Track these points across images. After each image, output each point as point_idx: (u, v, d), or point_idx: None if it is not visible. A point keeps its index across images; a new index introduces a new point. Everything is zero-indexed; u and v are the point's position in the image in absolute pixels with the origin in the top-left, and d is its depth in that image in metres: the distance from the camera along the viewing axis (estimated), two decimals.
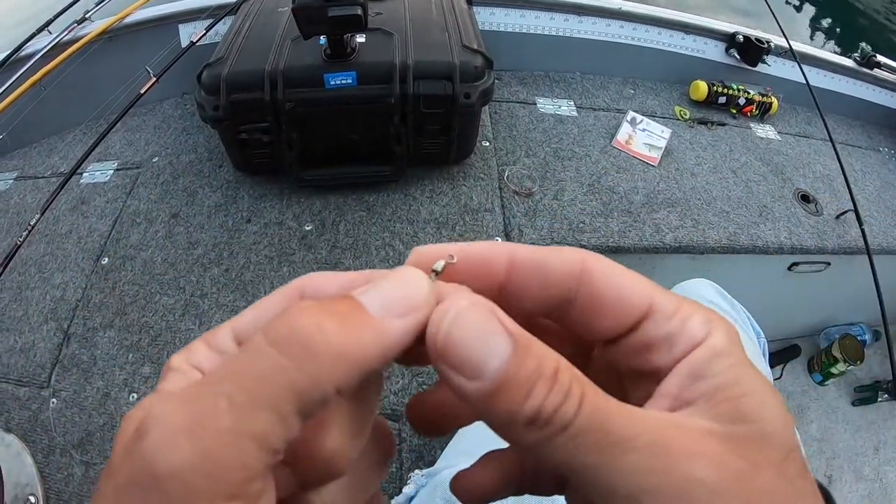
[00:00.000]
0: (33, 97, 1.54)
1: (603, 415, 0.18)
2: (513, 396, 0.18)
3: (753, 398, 0.20)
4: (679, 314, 0.22)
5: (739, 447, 0.19)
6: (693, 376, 0.21)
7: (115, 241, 1.41)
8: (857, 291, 1.75)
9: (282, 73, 1.25)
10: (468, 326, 0.19)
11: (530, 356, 0.19)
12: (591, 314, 0.23)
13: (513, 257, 0.22)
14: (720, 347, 0.21)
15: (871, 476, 1.75)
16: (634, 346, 0.23)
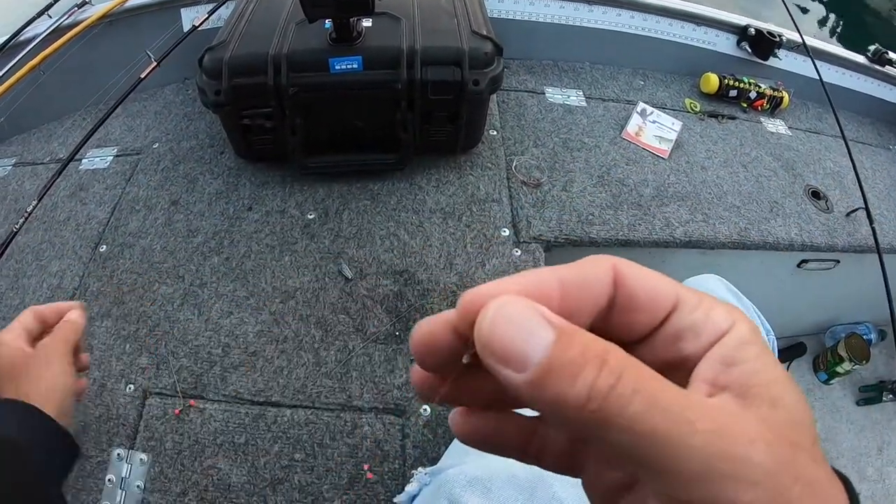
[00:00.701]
0: (32, 82, 1.51)
1: (665, 396, 0.19)
2: (560, 380, 0.19)
3: (779, 386, 0.21)
4: (702, 306, 0.24)
5: (781, 431, 0.20)
6: (725, 362, 0.22)
7: (113, 228, 1.38)
8: (864, 290, 1.73)
9: (286, 58, 1.21)
10: (510, 320, 0.20)
11: (574, 343, 0.19)
12: (629, 313, 0.24)
13: (562, 282, 0.23)
14: (747, 337, 0.23)
15: (875, 477, 1.74)
16: (665, 338, 0.24)
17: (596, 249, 1.42)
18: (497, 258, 1.31)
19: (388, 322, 1.20)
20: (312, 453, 1.04)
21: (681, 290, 0.24)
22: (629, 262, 0.25)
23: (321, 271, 1.28)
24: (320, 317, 1.21)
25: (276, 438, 1.05)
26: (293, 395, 1.10)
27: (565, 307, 0.23)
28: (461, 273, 1.28)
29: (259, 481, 1.01)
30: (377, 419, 1.08)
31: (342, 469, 1.03)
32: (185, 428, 1.06)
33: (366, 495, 1.01)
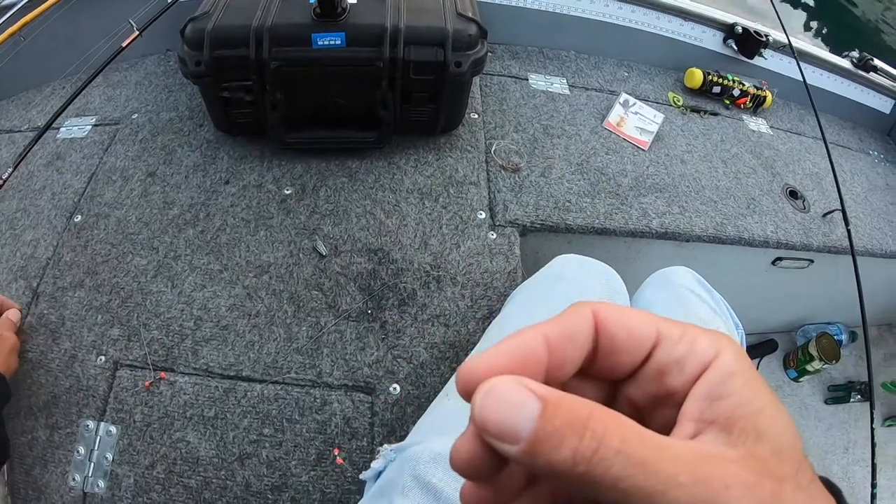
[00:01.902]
0: (12, 48, 1.48)
1: (645, 454, 0.20)
2: (548, 449, 0.21)
3: (764, 416, 0.23)
4: (685, 338, 0.25)
5: (763, 467, 0.22)
6: (710, 398, 0.24)
7: (89, 198, 1.37)
8: (837, 291, 1.76)
9: (268, 31, 1.20)
10: (499, 399, 0.22)
11: (560, 412, 0.21)
12: (612, 355, 0.26)
13: (547, 340, 0.25)
14: (731, 367, 0.24)
15: (840, 474, 1.77)
16: (650, 374, 0.26)
17: (572, 236, 1.43)
18: (472, 240, 1.31)
19: (361, 300, 1.20)
20: (281, 428, 1.04)
21: (662, 326, 0.26)
22: (609, 304, 0.26)
23: (296, 247, 1.27)
24: (293, 292, 1.21)
25: (246, 413, 1.05)
26: (264, 369, 1.10)
27: (554, 363, 0.25)
28: (435, 253, 1.28)
29: (227, 455, 1.01)
30: (346, 396, 1.08)
31: (310, 445, 1.03)
32: (154, 400, 1.06)
33: (333, 472, 1.01)
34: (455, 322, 1.19)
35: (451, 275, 1.25)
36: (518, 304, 0.99)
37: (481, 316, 1.20)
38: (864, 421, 1.82)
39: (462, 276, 1.25)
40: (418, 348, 1.15)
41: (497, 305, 1.21)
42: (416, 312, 1.19)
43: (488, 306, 1.21)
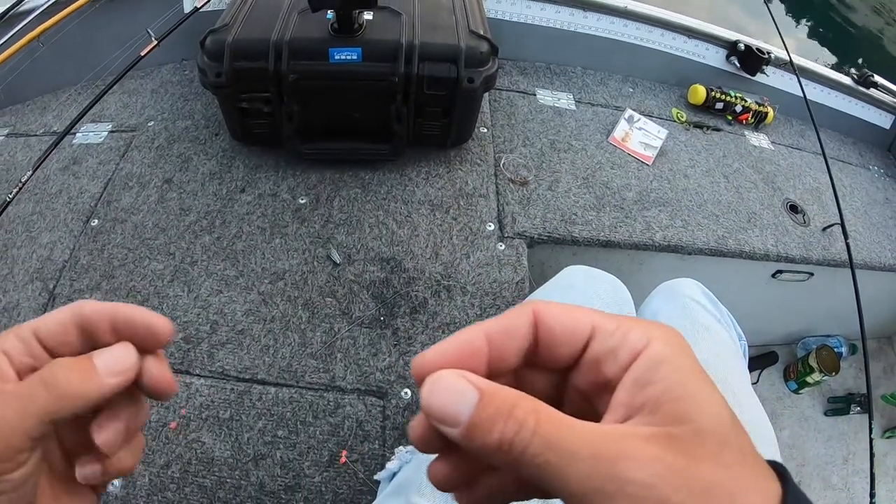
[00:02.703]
0: (30, 53, 1.52)
1: (554, 435, 0.24)
2: (482, 433, 0.24)
3: (691, 400, 0.25)
4: (619, 330, 0.27)
5: (677, 445, 0.23)
6: (638, 385, 0.26)
7: (105, 203, 1.40)
8: (837, 304, 1.78)
9: (287, 44, 1.24)
10: (443, 388, 0.25)
11: (494, 401, 0.25)
12: (551, 348, 0.29)
13: (488, 335, 0.29)
14: (660, 355, 0.26)
15: (839, 485, 1.78)
16: (588, 365, 0.28)
17: (578, 248, 1.46)
18: (481, 251, 1.34)
19: (374, 307, 1.23)
20: (295, 430, 1.07)
21: (598, 319, 0.28)
22: (550, 303, 0.29)
23: (310, 255, 1.31)
24: (308, 299, 1.24)
25: (261, 415, 1.08)
26: (278, 373, 1.13)
27: (494, 354, 0.28)
28: (446, 263, 1.31)
29: (242, 456, 1.04)
30: (359, 400, 1.11)
31: (323, 447, 1.05)
32: (170, 402, 1.08)
33: (346, 473, 1.03)
34: None
35: (461, 284, 1.28)
36: None
37: None
38: (863, 432, 1.84)
39: (472, 285, 1.29)
40: None
41: None
42: (427, 320, 1.22)
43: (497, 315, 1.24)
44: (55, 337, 0.33)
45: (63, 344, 0.33)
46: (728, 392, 0.76)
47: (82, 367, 0.31)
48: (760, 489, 0.24)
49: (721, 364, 0.81)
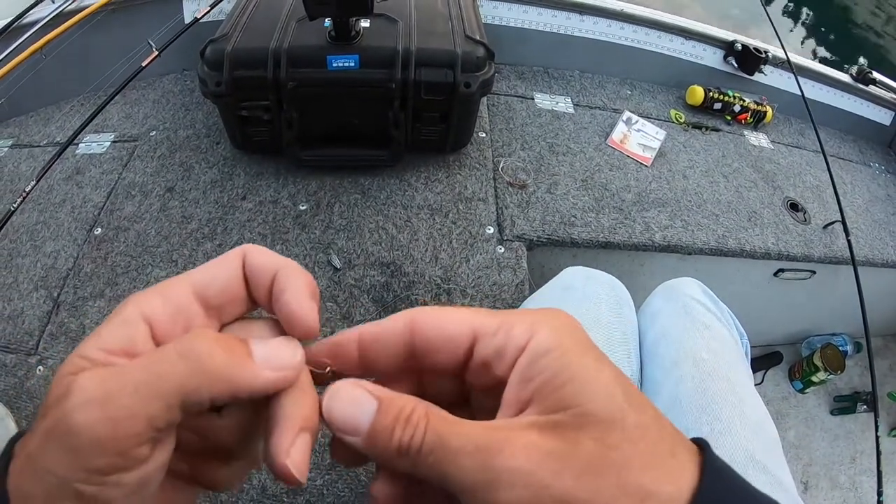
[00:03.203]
0: (33, 65, 1.54)
1: (442, 436, 0.25)
2: (382, 440, 0.25)
3: (575, 384, 0.25)
4: (502, 329, 0.27)
5: (558, 431, 0.24)
6: (523, 380, 0.26)
7: (108, 212, 1.41)
8: (840, 301, 1.78)
9: (286, 53, 1.25)
10: (342, 399, 0.26)
11: (391, 409, 0.26)
12: (430, 355, 0.29)
13: (360, 337, 0.29)
14: (543, 346, 0.26)
15: (847, 485, 1.77)
16: (476, 368, 0.28)
17: (577, 250, 1.47)
18: (481, 254, 1.35)
19: (375, 311, 1.24)
20: None
21: (478, 322, 0.28)
22: (428, 309, 0.29)
23: (311, 260, 1.31)
24: None
25: None
26: None
27: (364, 357, 0.29)
28: (446, 267, 1.32)
29: None
30: None
31: (324, 450, 1.06)
32: None
33: (347, 476, 1.04)
34: None
35: (461, 287, 1.29)
36: None
37: None
38: (870, 431, 1.83)
39: (472, 288, 1.29)
40: None
41: None
42: None
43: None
44: (222, 296, 0.29)
45: (230, 307, 0.29)
46: (730, 391, 0.76)
47: (232, 346, 0.25)
48: (660, 471, 0.24)
49: (722, 363, 0.81)
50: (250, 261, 0.29)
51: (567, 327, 0.27)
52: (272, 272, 0.29)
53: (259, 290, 0.29)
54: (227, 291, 0.29)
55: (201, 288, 0.28)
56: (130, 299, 0.27)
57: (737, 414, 0.73)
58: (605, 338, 0.84)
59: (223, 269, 0.29)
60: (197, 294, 0.28)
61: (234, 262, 0.29)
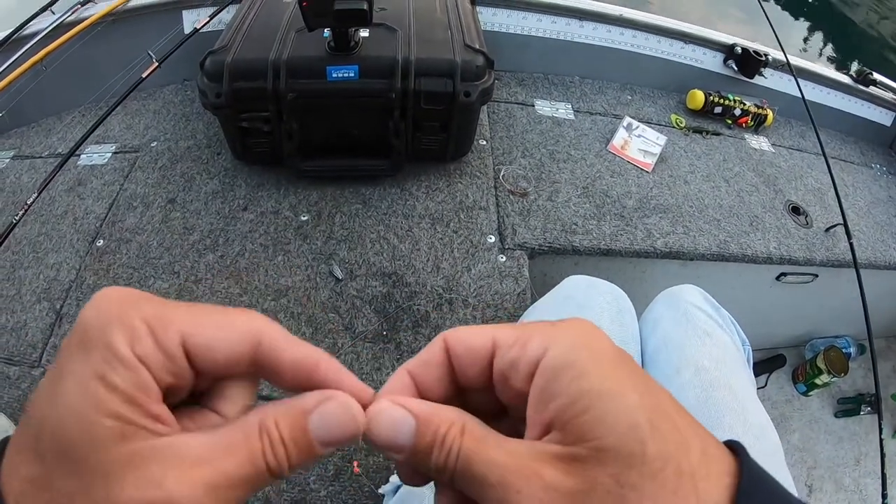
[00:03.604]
0: (33, 77, 1.54)
1: (471, 462, 0.26)
2: (422, 458, 0.27)
3: (592, 414, 0.24)
4: (518, 341, 0.28)
5: (576, 467, 0.24)
6: (542, 401, 0.26)
7: (110, 223, 1.42)
8: (843, 304, 1.78)
9: (285, 64, 1.25)
10: (383, 422, 0.27)
11: (429, 429, 0.27)
12: (462, 369, 0.30)
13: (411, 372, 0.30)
14: (559, 363, 0.26)
15: (852, 487, 1.76)
16: (498, 381, 0.29)
17: (579, 257, 1.47)
18: (483, 263, 1.35)
19: (377, 322, 1.24)
20: None
21: (498, 334, 0.29)
22: (457, 329, 0.30)
23: (313, 271, 1.32)
24: (311, 315, 1.24)
25: None
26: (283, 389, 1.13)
27: (420, 388, 0.30)
28: (447, 276, 1.32)
29: None
30: None
31: (328, 461, 1.06)
32: None
33: (351, 487, 1.04)
34: None
35: (462, 297, 1.29)
36: None
37: None
38: (874, 433, 1.82)
39: (473, 297, 1.29)
40: None
41: None
42: (430, 333, 1.23)
43: None
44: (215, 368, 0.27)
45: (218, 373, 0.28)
46: (732, 398, 0.76)
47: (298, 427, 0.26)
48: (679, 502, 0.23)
49: (724, 370, 0.81)
50: (270, 352, 0.28)
51: (584, 341, 0.27)
52: (307, 368, 0.28)
53: (283, 383, 0.29)
54: (224, 367, 0.27)
55: (195, 349, 0.26)
56: (119, 339, 0.24)
57: (739, 422, 0.73)
58: None
59: (226, 344, 0.27)
60: (188, 353, 0.26)
61: (242, 339, 0.27)
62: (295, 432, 0.26)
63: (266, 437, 0.25)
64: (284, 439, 0.26)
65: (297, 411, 0.26)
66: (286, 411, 0.26)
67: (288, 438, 0.26)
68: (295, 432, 0.26)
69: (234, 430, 0.26)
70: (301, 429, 0.26)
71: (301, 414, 0.26)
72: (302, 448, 0.26)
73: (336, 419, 0.26)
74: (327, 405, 0.27)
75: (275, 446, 0.25)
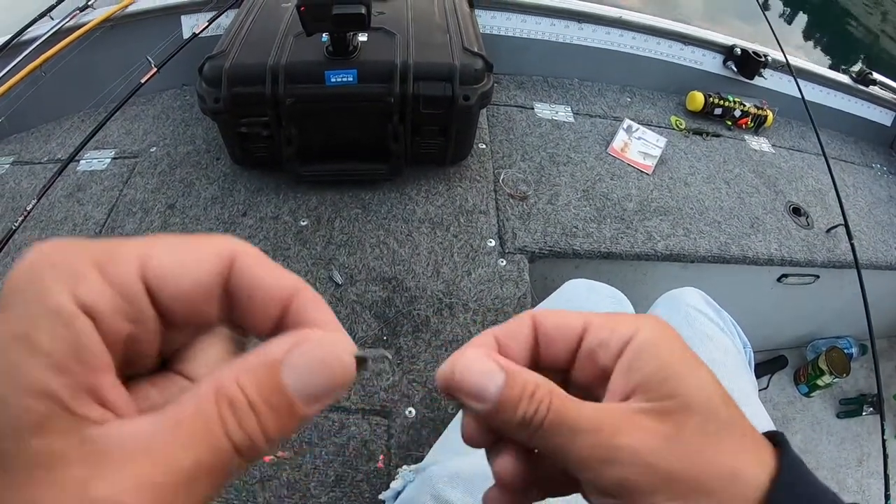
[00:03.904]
0: (33, 83, 1.54)
1: (564, 413, 0.27)
2: (507, 411, 0.27)
3: (678, 378, 0.28)
4: (608, 324, 0.30)
5: (665, 417, 0.27)
6: (629, 370, 0.28)
7: (110, 229, 1.41)
8: (844, 305, 1.77)
9: (283, 69, 1.25)
10: (472, 367, 0.27)
11: (517, 383, 0.27)
12: (549, 346, 0.31)
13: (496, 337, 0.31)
14: (647, 342, 0.29)
15: (854, 488, 1.76)
16: (584, 358, 0.31)
17: (580, 261, 1.46)
18: (483, 268, 1.35)
19: (377, 327, 1.24)
20: (300, 452, 1.07)
21: (589, 318, 0.31)
22: (546, 310, 0.32)
23: (312, 276, 1.31)
24: None
25: None
26: None
27: (502, 353, 0.31)
28: (448, 281, 1.32)
29: (248, 478, 1.04)
30: (364, 420, 1.11)
31: (329, 467, 1.06)
32: None
33: (351, 493, 1.04)
34: None
35: (462, 301, 1.29)
36: None
37: None
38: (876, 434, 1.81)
39: (474, 302, 1.29)
40: (432, 373, 1.18)
41: None
42: (430, 338, 1.23)
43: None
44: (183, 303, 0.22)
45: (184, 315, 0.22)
46: None
47: (269, 383, 0.21)
48: (747, 455, 0.27)
49: (725, 373, 0.81)
50: (245, 272, 0.23)
51: (666, 330, 0.30)
52: (284, 296, 0.23)
53: (256, 315, 0.23)
54: (192, 298, 0.22)
55: (157, 279, 0.21)
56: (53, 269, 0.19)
57: None
58: None
59: (194, 265, 0.22)
60: (149, 284, 0.21)
61: (211, 259, 0.22)
62: (266, 391, 0.20)
63: (227, 406, 0.20)
64: (254, 403, 0.20)
65: (265, 363, 0.21)
66: (249, 366, 0.21)
67: (258, 401, 0.20)
68: (266, 391, 0.20)
69: (183, 405, 0.20)
70: (273, 385, 0.21)
71: (270, 365, 0.21)
72: (280, 410, 0.21)
73: (318, 364, 0.22)
74: (303, 348, 0.22)
75: (241, 415, 0.20)
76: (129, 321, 0.20)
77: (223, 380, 0.20)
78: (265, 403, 0.20)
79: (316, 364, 0.21)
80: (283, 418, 0.21)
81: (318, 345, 0.22)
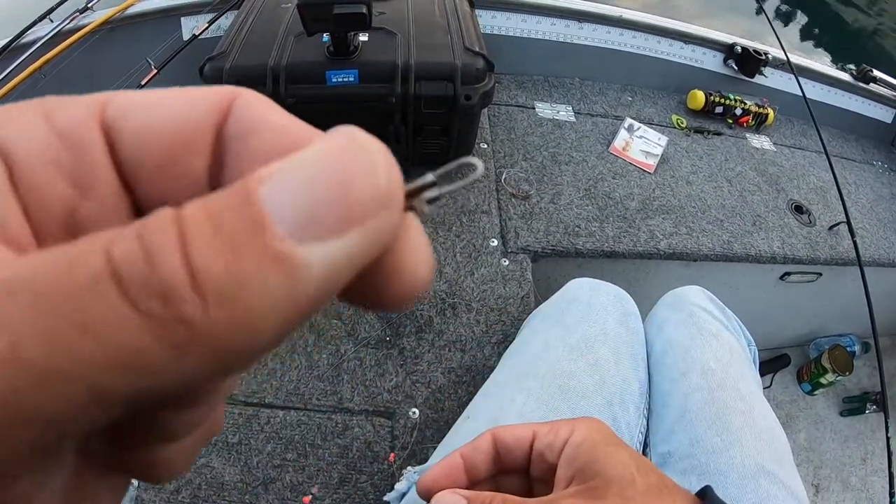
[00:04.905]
0: (32, 85, 1.54)
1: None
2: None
3: (601, 462, 0.38)
4: (552, 429, 0.42)
5: (593, 492, 0.36)
6: (568, 463, 0.39)
7: None
8: (847, 302, 1.77)
9: (284, 69, 1.25)
10: (444, 499, 0.40)
11: (479, 499, 0.39)
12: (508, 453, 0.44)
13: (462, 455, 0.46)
14: (580, 439, 0.40)
15: (858, 486, 1.76)
16: (536, 458, 0.43)
17: (582, 260, 1.46)
18: (485, 268, 1.34)
19: (380, 327, 1.23)
20: (304, 453, 1.07)
21: (537, 427, 0.43)
22: (502, 427, 0.44)
23: None
24: (313, 321, 1.24)
25: (269, 438, 1.08)
26: (286, 396, 1.13)
27: (468, 467, 0.43)
28: (450, 281, 1.32)
29: (251, 480, 1.04)
30: (367, 421, 1.11)
31: (333, 469, 1.05)
32: None
33: (355, 494, 1.03)
34: (471, 347, 1.22)
35: (465, 301, 1.29)
36: (534, 329, 1.01)
37: (496, 340, 1.23)
38: (880, 431, 1.82)
39: (476, 302, 1.29)
40: (436, 373, 1.18)
41: (511, 330, 1.24)
42: (433, 338, 1.23)
43: (503, 331, 1.24)
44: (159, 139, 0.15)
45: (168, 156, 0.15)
46: (740, 400, 0.76)
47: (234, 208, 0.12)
48: None
49: (731, 372, 0.81)
50: (249, 110, 0.16)
51: (597, 426, 0.41)
52: (301, 140, 0.16)
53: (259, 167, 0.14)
54: (168, 140, 0.15)
55: (118, 111, 0.15)
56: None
57: (746, 424, 0.73)
58: (613, 350, 0.83)
59: (175, 99, 0.15)
60: (108, 126, 0.15)
61: (205, 95, 0.16)
62: (219, 210, 0.12)
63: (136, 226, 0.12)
64: (184, 217, 0.12)
65: (236, 186, 0.13)
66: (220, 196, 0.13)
67: (198, 216, 0.12)
68: (219, 210, 0.12)
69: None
70: (236, 201, 0.12)
71: (243, 183, 0.13)
72: (235, 234, 0.12)
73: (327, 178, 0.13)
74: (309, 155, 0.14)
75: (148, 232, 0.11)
76: (70, 179, 0.14)
77: (160, 212, 0.12)
78: (209, 221, 0.12)
79: (322, 177, 0.13)
80: (236, 248, 0.12)
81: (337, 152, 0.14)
